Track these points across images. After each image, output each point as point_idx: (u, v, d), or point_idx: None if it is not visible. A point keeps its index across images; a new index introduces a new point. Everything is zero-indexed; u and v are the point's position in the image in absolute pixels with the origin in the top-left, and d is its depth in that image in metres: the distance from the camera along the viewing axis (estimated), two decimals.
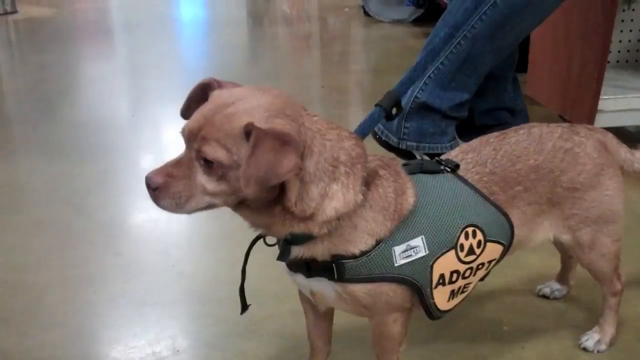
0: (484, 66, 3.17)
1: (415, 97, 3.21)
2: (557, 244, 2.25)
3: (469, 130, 3.40)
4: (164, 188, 1.58)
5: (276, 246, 1.82)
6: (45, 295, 2.65)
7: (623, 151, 2.20)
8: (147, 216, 3.31)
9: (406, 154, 3.29)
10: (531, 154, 2.00)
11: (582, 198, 2.04)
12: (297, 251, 1.74)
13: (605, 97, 3.77)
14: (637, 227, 3.03)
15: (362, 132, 2.07)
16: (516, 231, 1.96)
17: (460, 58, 3.13)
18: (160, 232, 3.16)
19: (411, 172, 1.89)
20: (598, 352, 2.24)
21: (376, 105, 2.18)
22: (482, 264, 1.90)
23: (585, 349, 2.25)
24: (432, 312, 1.86)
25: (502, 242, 1.93)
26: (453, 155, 2.03)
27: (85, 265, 2.86)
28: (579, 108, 3.84)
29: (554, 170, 2.00)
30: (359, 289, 1.75)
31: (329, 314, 2.08)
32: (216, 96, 1.65)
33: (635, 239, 2.84)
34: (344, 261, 1.71)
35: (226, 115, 1.57)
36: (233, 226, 3.10)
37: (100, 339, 2.41)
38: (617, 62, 4.43)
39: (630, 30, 4.39)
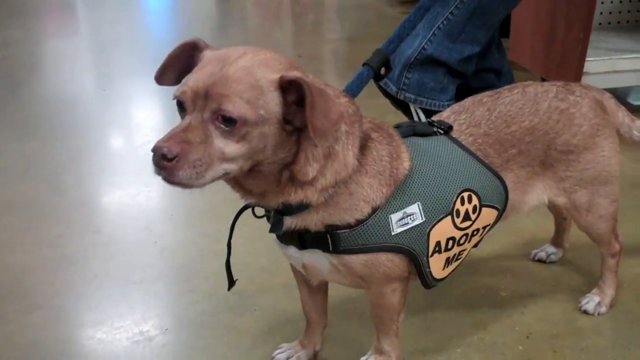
0: (495, 17, 3.03)
1: (423, 48, 3.07)
2: (552, 206, 2.21)
3: (461, 93, 3.32)
4: (183, 156, 1.38)
5: (264, 219, 1.74)
6: (23, 276, 2.53)
7: (621, 114, 2.13)
8: (125, 192, 3.21)
9: (403, 105, 3.19)
10: (526, 115, 1.93)
11: (577, 160, 1.97)
12: (289, 222, 1.64)
13: (590, 59, 3.71)
14: (629, 189, 2.98)
15: (351, 92, 1.99)
16: (510, 195, 1.90)
17: (471, 8, 2.99)
18: (140, 208, 3.05)
19: (404, 135, 1.81)
20: (599, 314, 2.19)
21: (364, 64, 2.09)
22: (477, 229, 1.83)
23: (585, 312, 2.20)
24: (427, 281, 1.80)
25: (497, 206, 1.87)
26: (445, 116, 1.96)
27: (64, 244, 2.75)
28: (564, 71, 3.77)
29: (549, 132, 1.94)
30: (355, 260, 1.67)
31: (323, 287, 2.00)
32: (213, 55, 1.51)
33: (627, 201, 2.79)
34: (339, 231, 1.62)
35: (242, 68, 1.44)
36: (217, 199, 3.05)
37: (84, 320, 2.30)
38: (600, 24, 4.38)
39: None
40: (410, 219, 1.68)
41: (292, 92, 1.45)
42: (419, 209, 1.69)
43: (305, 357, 2.06)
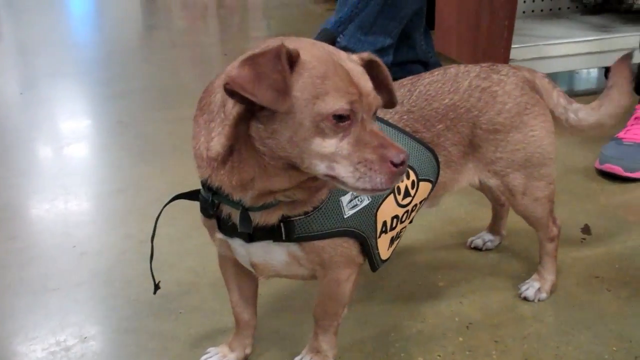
0: (406, 9, 3.01)
1: (336, 41, 3.03)
2: (486, 189, 2.16)
3: None
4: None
5: (186, 219, 1.63)
6: None
7: (556, 94, 2.07)
8: (42, 196, 3.04)
9: None
10: (446, 93, 1.90)
11: (505, 140, 1.93)
12: (256, 218, 1.54)
13: (516, 46, 3.71)
14: (564, 174, 2.97)
15: None
16: (441, 172, 1.88)
17: (381, 0, 2.97)
18: (58, 212, 2.88)
19: None
20: (539, 300, 2.14)
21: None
22: (416, 205, 1.81)
23: (525, 299, 2.15)
24: (375, 262, 1.74)
25: (431, 179, 1.85)
26: None
27: None
28: (491, 59, 3.71)
29: (472, 109, 1.90)
30: (318, 243, 1.60)
31: (253, 286, 1.90)
32: (321, 55, 1.36)
33: (562, 185, 2.75)
34: (293, 219, 1.55)
35: (354, 61, 1.44)
36: (139, 201, 2.92)
37: None
38: (524, 12, 4.40)
39: None
40: (358, 200, 1.63)
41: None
42: None
43: None
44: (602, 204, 2.78)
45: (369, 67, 1.47)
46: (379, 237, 1.70)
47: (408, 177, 1.75)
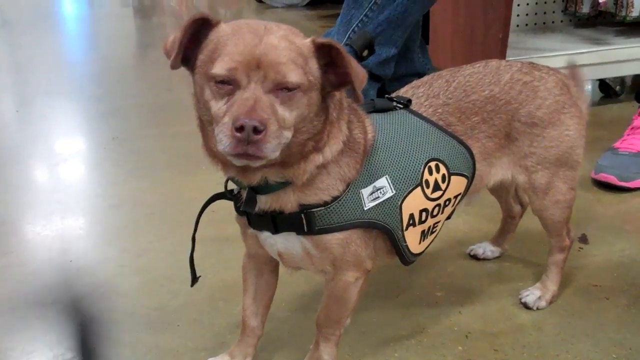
0: (411, 17, 3.00)
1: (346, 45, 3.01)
2: (509, 189, 2.21)
3: (381, 97, 3.27)
4: (268, 128, 1.35)
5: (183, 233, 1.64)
6: None
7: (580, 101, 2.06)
8: (39, 211, 3.02)
9: None
10: (486, 85, 1.89)
11: (542, 135, 1.93)
12: (263, 202, 1.59)
13: (510, 58, 3.71)
14: None
15: None
16: (477, 165, 1.86)
17: (385, 10, 2.96)
18: (54, 227, 2.87)
19: (365, 112, 1.77)
20: (537, 308, 2.14)
21: (346, 44, 2.02)
22: (449, 199, 1.80)
23: (525, 304, 2.15)
24: (405, 256, 1.76)
25: (466, 174, 1.84)
26: (403, 91, 1.93)
27: None
28: None
29: (511, 102, 1.90)
30: (331, 239, 1.62)
31: (269, 295, 1.91)
32: (238, 27, 1.45)
33: None
34: (313, 210, 1.58)
35: (282, 37, 1.42)
36: (134, 215, 2.92)
37: None
38: (517, 25, 4.42)
39: None
40: (380, 192, 1.65)
41: (322, 56, 1.47)
42: (388, 182, 1.66)
43: None
44: (598, 214, 2.79)
45: (328, 53, 1.46)
46: (406, 229, 1.70)
47: (438, 171, 1.75)
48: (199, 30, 1.47)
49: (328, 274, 1.72)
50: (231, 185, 1.68)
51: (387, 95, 1.88)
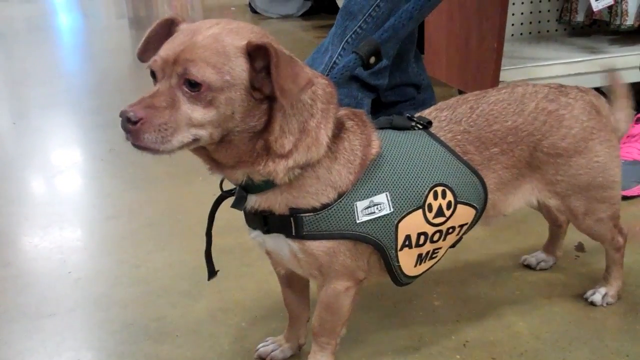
0: (403, 30, 3.01)
1: (335, 62, 3.02)
2: (544, 208, 2.15)
3: (375, 107, 3.28)
4: (147, 120, 1.40)
5: (179, 244, 1.65)
6: None
7: (612, 117, 2.05)
8: (36, 224, 3.03)
9: None
10: (510, 114, 1.87)
11: (567, 164, 1.90)
12: (253, 201, 1.63)
13: (505, 67, 3.73)
14: None
15: (334, 77, 1.96)
16: (490, 195, 1.84)
17: (379, 21, 2.96)
18: (53, 238, 2.87)
19: (380, 127, 1.77)
20: (607, 304, 2.16)
21: (353, 52, 2.03)
22: (452, 227, 1.78)
23: (592, 303, 2.17)
24: (397, 277, 1.75)
25: (475, 205, 1.81)
26: (427, 113, 1.91)
27: None
28: (481, 81, 3.77)
29: (534, 133, 1.87)
30: (318, 246, 1.63)
31: (303, 281, 1.93)
32: (187, 27, 1.54)
33: None
34: (302, 215, 1.59)
35: (210, 36, 1.46)
36: (132, 226, 2.92)
37: None
38: (512, 35, 4.43)
39: (522, 3, 4.41)
40: (377, 208, 1.65)
41: (261, 58, 1.46)
42: (387, 199, 1.66)
43: (290, 350, 2.00)
44: None
45: (257, 53, 1.46)
46: (401, 249, 1.70)
47: (444, 197, 1.73)
48: (169, 29, 1.57)
49: (317, 279, 1.74)
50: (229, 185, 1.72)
51: (408, 115, 1.86)
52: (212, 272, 1.87)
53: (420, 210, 1.70)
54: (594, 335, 2.05)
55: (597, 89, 2.17)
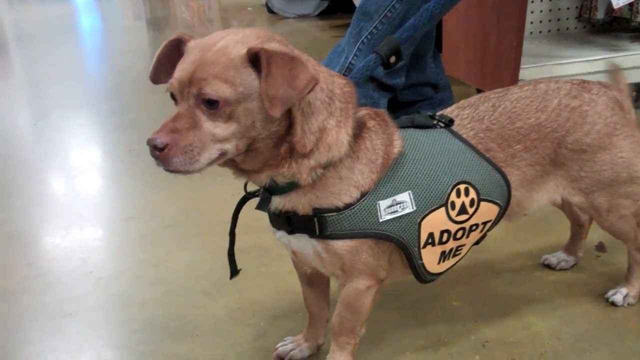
0: (423, 29, 3.01)
1: (350, 63, 3.02)
2: (567, 207, 2.17)
3: (393, 107, 3.28)
4: (174, 145, 1.44)
5: (199, 244, 1.65)
6: None
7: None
8: (58, 224, 3.06)
9: None
10: (532, 111, 1.87)
11: (592, 160, 1.89)
12: (277, 202, 1.64)
13: (525, 66, 3.72)
14: None
15: (354, 77, 1.98)
16: (514, 192, 1.84)
17: (395, 22, 2.96)
18: (74, 238, 2.90)
19: (401, 126, 1.77)
20: (628, 305, 2.15)
21: (373, 51, 2.03)
22: (476, 224, 1.78)
23: (613, 303, 2.16)
24: (420, 274, 1.76)
25: (498, 202, 1.81)
26: (449, 111, 1.91)
27: None
28: (499, 79, 3.76)
29: (558, 129, 1.86)
30: (341, 246, 1.64)
31: (324, 281, 1.95)
32: (195, 44, 1.54)
33: None
34: (326, 215, 1.60)
35: (218, 51, 1.47)
36: (155, 225, 2.94)
37: (16, 356, 2.14)
38: (531, 33, 4.41)
39: (541, 1, 4.39)
40: (400, 207, 1.65)
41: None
42: (410, 197, 1.66)
43: (308, 350, 2.01)
44: None
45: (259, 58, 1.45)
46: (424, 247, 1.70)
47: (467, 195, 1.73)
48: (179, 48, 1.58)
49: (339, 278, 1.74)
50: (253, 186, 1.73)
51: (429, 113, 1.86)
52: (234, 271, 1.88)
53: (443, 208, 1.70)
54: (615, 336, 2.03)
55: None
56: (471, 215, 1.75)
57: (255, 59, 1.44)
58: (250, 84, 1.45)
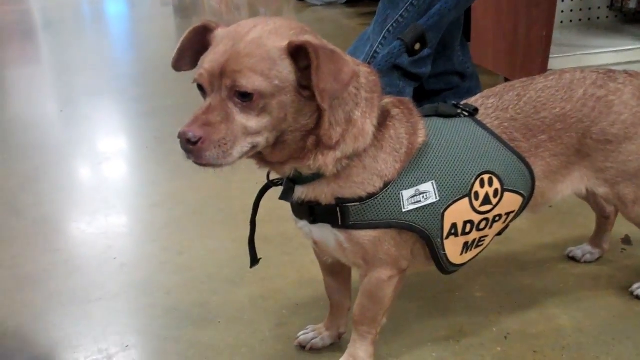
0: (445, 18, 2.98)
1: (375, 52, 3.00)
2: (592, 199, 2.15)
3: (419, 96, 3.25)
4: (207, 138, 1.41)
5: (223, 231, 1.66)
6: None
7: None
8: (84, 210, 3.09)
9: None
10: (558, 101, 1.84)
11: (617, 151, 1.87)
12: (300, 192, 1.64)
13: (554, 56, 3.67)
14: None
15: (378, 65, 1.97)
16: (538, 182, 1.82)
17: (421, 10, 2.93)
18: (99, 225, 2.93)
19: (425, 115, 1.77)
20: None
21: (398, 38, 2.03)
22: (499, 215, 1.76)
23: (638, 298, 2.13)
24: (443, 265, 1.75)
25: (522, 192, 1.79)
26: (473, 100, 1.90)
27: (22, 264, 2.62)
28: (528, 69, 3.73)
29: (583, 120, 1.84)
30: (363, 236, 1.64)
31: (346, 271, 1.95)
32: (224, 33, 1.51)
33: None
34: (349, 204, 1.60)
35: (252, 42, 1.45)
36: (178, 212, 2.96)
37: (42, 340, 2.16)
38: (562, 22, 4.35)
39: None
40: (423, 197, 1.64)
41: (303, 57, 1.44)
42: (433, 187, 1.65)
43: (330, 339, 2.01)
44: None
45: (300, 51, 1.44)
46: (447, 238, 1.69)
47: (491, 185, 1.72)
48: (204, 36, 1.55)
49: (361, 268, 1.74)
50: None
51: (454, 102, 1.85)
52: (254, 260, 1.88)
53: (467, 199, 1.69)
54: (638, 330, 2.01)
55: None
56: (495, 206, 1.74)
57: (296, 51, 1.43)
58: (286, 77, 1.43)
